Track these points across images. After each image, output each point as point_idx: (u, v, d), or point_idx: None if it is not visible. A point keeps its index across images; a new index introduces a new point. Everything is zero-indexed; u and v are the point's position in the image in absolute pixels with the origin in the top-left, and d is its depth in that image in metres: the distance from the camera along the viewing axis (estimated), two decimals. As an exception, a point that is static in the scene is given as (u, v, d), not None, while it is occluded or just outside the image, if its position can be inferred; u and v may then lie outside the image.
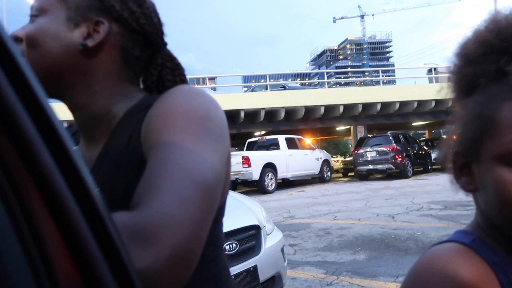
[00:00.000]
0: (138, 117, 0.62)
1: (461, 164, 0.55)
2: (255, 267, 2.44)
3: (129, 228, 0.40)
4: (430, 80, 20.68)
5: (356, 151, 15.39)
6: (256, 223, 2.65)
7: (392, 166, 14.28)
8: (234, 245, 2.40)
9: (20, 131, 0.26)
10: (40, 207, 0.27)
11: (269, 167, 12.49)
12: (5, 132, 0.26)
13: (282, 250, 2.86)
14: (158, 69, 0.71)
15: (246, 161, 11.81)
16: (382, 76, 24.38)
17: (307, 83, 40.31)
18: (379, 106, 17.21)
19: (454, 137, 0.57)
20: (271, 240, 2.76)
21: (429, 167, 16.60)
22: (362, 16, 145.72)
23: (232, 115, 15.61)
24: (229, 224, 2.58)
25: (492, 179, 0.50)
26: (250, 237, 2.58)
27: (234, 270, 2.30)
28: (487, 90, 0.53)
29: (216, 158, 0.52)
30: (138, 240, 0.40)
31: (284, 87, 18.93)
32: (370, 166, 14.76)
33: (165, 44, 0.73)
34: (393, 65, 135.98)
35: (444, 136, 0.61)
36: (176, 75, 0.73)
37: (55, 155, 0.28)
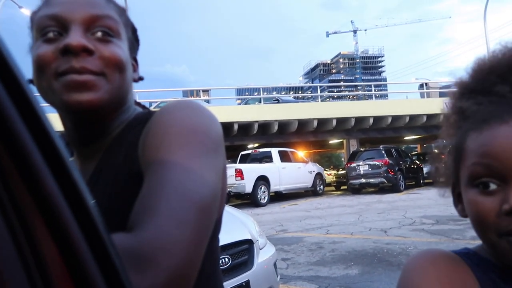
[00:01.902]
0: (134, 131, 0.63)
1: (457, 193, 0.59)
2: (247, 282, 2.42)
3: (126, 251, 0.40)
4: (422, 95, 20.95)
5: (348, 165, 15.43)
6: (249, 237, 2.64)
7: (384, 180, 14.32)
8: (226, 259, 2.39)
9: (26, 158, 0.27)
10: (44, 232, 0.27)
11: (262, 180, 12.47)
12: (10, 157, 0.26)
13: (275, 264, 2.85)
14: None
15: (239, 173, 11.79)
16: (375, 90, 24.65)
17: (300, 97, 40.56)
18: (371, 120, 17.34)
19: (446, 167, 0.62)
20: (263, 255, 2.75)
21: (421, 181, 16.68)
22: (355, 31, 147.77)
23: (225, 128, 15.61)
24: (221, 238, 2.54)
25: (466, 202, 0.54)
26: (243, 251, 2.57)
27: (227, 285, 2.28)
28: (463, 125, 0.58)
29: (212, 175, 0.53)
30: (135, 264, 0.40)
31: (277, 100, 19.03)
32: (363, 180, 14.79)
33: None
34: (385, 79, 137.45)
35: (438, 157, 0.65)
36: None
37: (58, 180, 0.28)
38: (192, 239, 0.44)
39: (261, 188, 12.41)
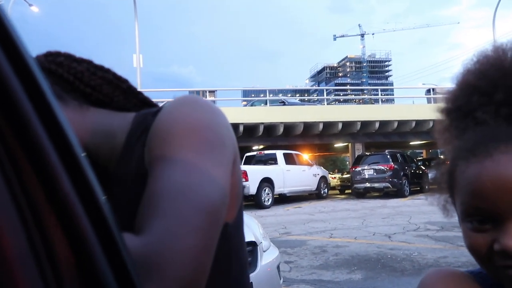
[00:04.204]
0: (140, 142, 0.59)
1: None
2: (250, 284, 2.41)
3: (135, 258, 0.38)
4: (429, 100, 20.84)
5: (353, 169, 15.38)
6: (253, 239, 2.64)
7: (389, 185, 14.26)
8: (230, 261, 2.38)
9: (41, 156, 0.27)
10: (57, 232, 0.27)
11: (266, 182, 12.45)
12: (26, 156, 0.26)
13: (278, 267, 2.84)
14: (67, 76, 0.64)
15: (243, 175, 11.76)
16: (381, 94, 24.58)
17: (306, 99, 40.55)
18: (377, 124, 17.28)
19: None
20: (267, 257, 2.74)
21: (426, 187, 16.57)
22: (362, 35, 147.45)
23: (231, 129, 15.60)
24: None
25: (462, 232, 0.52)
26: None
27: (229, 287, 2.27)
28: (456, 143, 0.54)
29: (220, 172, 0.51)
30: (145, 271, 0.39)
31: (283, 103, 19.03)
32: (367, 184, 14.74)
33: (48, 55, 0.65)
34: (392, 84, 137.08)
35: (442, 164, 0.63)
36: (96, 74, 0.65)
37: (73, 178, 0.28)
38: (201, 246, 0.43)
39: (265, 190, 12.39)
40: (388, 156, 14.63)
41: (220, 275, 0.59)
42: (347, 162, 29.48)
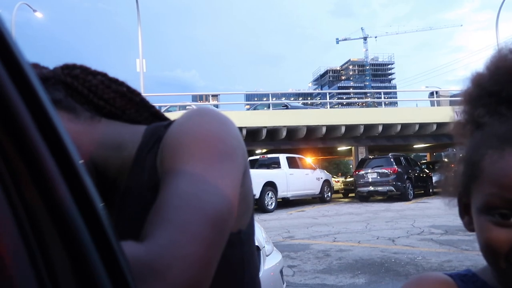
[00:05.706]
0: (152, 153, 0.60)
1: (464, 204, 0.55)
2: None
3: (136, 262, 0.39)
4: (432, 103, 20.81)
5: (357, 172, 15.35)
6: (256, 243, 2.63)
7: (393, 188, 14.21)
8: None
9: (39, 163, 0.27)
10: (54, 237, 0.27)
11: (270, 185, 12.44)
12: (23, 162, 0.27)
13: (281, 272, 2.83)
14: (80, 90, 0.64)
15: (247, 179, 11.76)
16: (384, 97, 24.54)
17: (309, 103, 40.57)
18: (380, 128, 17.25)
19: (456, 171, 0.57)
20: (270, 262, 2.73)
21: (430, 190, 16.51)
22: (365, 38, 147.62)
23: (234, 133, 15.65)
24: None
25: (477, 226, 0.51)
26: (249, 258, 2.56)
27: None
28: (478, 134, 0.52)
29: (228, 183, 0.51)
30: (144, 277, 0.39)
31: (286, 106, 19.05)
32: (371, 188, 14.69)
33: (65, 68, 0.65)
34: (395, 87, 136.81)
35: (448, 166, 0.61)
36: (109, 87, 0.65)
37: (70, 184, 0.29)
38: (204, 255, 0.43)
39: (268, 194, 12.37)
40: (392, 160, 14.58)
41: (234, 280, 0.60)
42: (351, 166, 29.42)
